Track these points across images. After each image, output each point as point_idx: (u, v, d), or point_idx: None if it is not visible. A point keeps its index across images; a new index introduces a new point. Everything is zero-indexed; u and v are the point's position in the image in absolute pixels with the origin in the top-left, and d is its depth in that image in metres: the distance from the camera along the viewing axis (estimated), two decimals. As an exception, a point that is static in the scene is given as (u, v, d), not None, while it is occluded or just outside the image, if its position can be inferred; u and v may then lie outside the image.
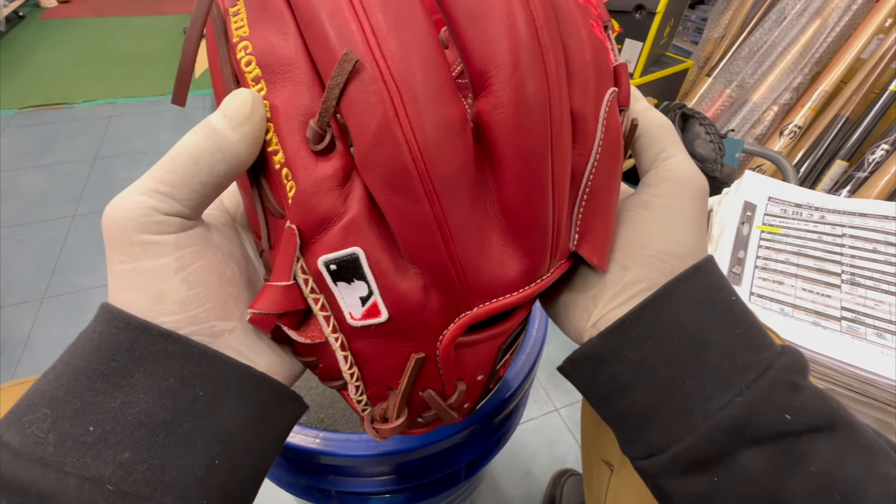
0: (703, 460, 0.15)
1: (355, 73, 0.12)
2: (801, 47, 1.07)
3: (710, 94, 1.20)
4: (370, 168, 0.13)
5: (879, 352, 0.33)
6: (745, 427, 0.15)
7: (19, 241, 1.10)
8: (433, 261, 0.14)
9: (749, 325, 0.17)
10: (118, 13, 2.44)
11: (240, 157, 0.14)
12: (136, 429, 0.13)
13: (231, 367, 0.15)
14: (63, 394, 0.13)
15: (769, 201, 0.46)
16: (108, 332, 0.13)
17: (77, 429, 0.12)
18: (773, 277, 0.39)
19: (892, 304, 0.35)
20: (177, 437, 0.13)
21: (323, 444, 0.29)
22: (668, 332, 0.16)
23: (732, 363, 0.15)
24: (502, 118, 0.12)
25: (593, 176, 0.16)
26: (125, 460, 0.13)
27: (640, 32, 1.02)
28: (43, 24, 2.27)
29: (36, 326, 0.92)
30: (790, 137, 1.07)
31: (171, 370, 0.14)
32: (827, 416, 0.15)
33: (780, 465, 0.15)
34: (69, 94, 1.69)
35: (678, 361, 0.16)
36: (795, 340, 0.34)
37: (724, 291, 0.17)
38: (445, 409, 0.18)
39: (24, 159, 1.36)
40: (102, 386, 0.13)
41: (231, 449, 0.14)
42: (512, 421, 0.38)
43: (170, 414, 0.13)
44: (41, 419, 0.12)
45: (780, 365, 0.15)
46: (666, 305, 0.16)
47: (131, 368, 0.13)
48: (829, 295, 0.37)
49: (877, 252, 0.38)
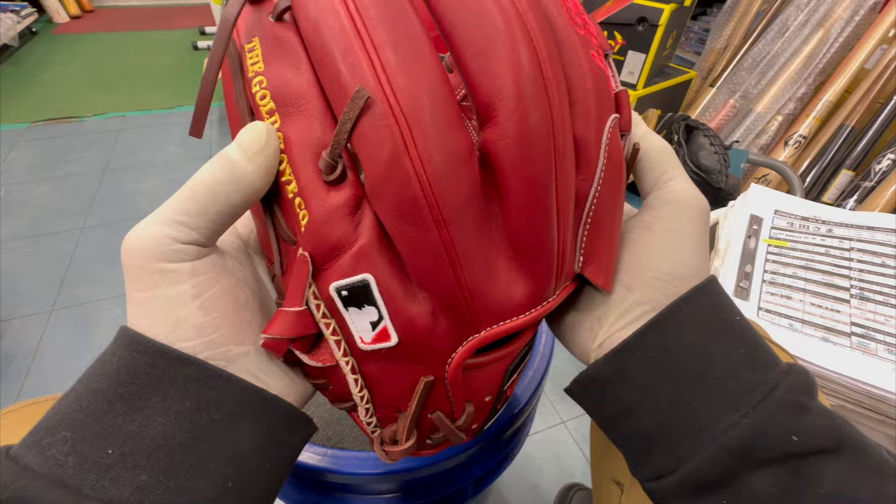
0: (711, 482, 0.15)
1: (366, 108, 0.12)
2: (804, 58, 1.07)
3: (714, 104, 1.21)
4: (381, 198, 0.13)
5: (891, 368, 0.32)
6: (752, 448, 0.15)
7: (29, 253, 1.12)
8: (442, 286, 0.14)
9: (754, 344, 0.17)
10: (129, 28, 2.49)
11: (255, 186, 0.14)
12: (153, 451, 0.13)
13: (246, 391, 0.15)
14: (83, 416, 0.13)
15: (776, 214, 0.46)
16: (128, 356, 0.14)
17: (96, 451, 0.13)
18: (781, 292, 0.39)
19: (903, 320, 0.35)
20: (192, 459, 0.14)
21: (331, 462, 0.29)
22: (673, 353, 0.16)
23: (738, 384, 0.16)
24: (508, 148, 0.13)
25: (597, 200, 0.16)
26: (142, 483, 0.13)
27: (643, 44, 1.03)
28: (55, 39, 2.32)
29: (45, 338, 0.93)
30: (795, 147, 1.07)
31: (188, 393, 0.14)
32: (835, 436, 0.15)
33: (789, 487, 0.15)
34: (80, 107, 1.72)
35: (684, 382, 0.16)
36: (804, 356, 0.34)
37: (727, 311, 0.17)
38: (454, 431, 0.18)
39: (35, 172, 1.38)
40: (121, 409, 0.13)
41: (243, 471, 0.15)
42: (519, 437, 0.38)
43: (186, 436, 0.14)
44: (61, 441, 0.13)
45: (785, 385, 0.15)
46: (670, 327, 0.16)
47: (149, 392, 0.13)
48: (838, 310, 0.37)
49: (886, 266, 0.38)
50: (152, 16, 2.68)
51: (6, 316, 0.96)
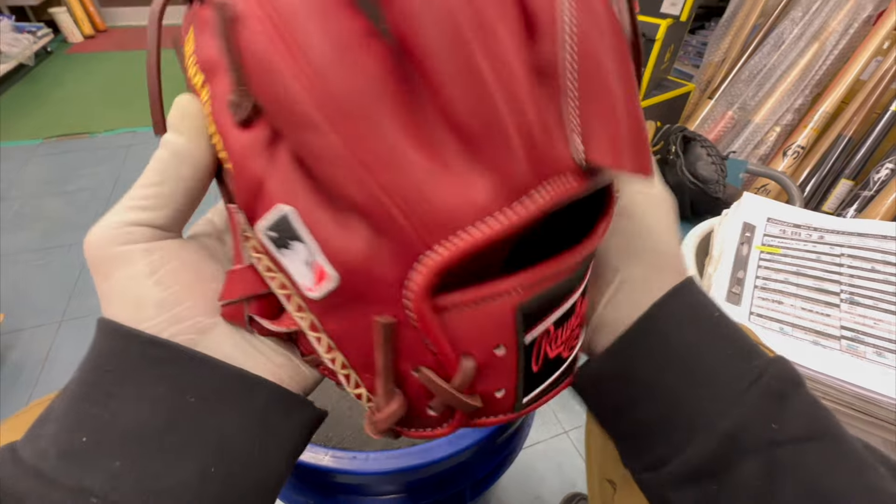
0: (702, 470, 0.16)
1: (241, 24, 0.12)
2: (800, 70, 1.09)
3: (713, 115, 1.22)
4: (270, 113, 0.12)
5: (880, 371, 0.33)
6: (740, 435, 0.15)
7: (41, 265, 1.14)
8: (363, 197, 0.12)
9: (736, 338, 0.17)
10: (140, 47, 2.56)
11: (194, 155, 0.15)
12: (127, 438, 0.13)
13: (220, 370, 0.14)
14: (65, 407, 0.13)
15: (768, 222, 0.47)
16: (102, 343, 0.14)
17: (73, 440, 0.13)
18: (773, 297, 0.40)
19: (892, 323, 0.35)
20: (168, 444, 0.13)
21: (330, 462, 0.30)
22: (670, 349, 0.17)
23: (726, 376, 0.16)
24: (408, 12, 0.11)
25: (578, 74, 0.13)
26: (115, 469, 0.13)
27: (641, 58, 1.05)
28: (69, 58, 2.39)
29: (54, 348, 0.95)
30: (793, 157, 1.08)
31: (162, 377, 0.14)
32: (815, 426, 0.16)
33: (772, 473, 0.15)
34: (92, 124, 1.77)
35: (676, 377, 0.17)
36: (795, 359, 0.35)
37: (708, 309, 0.18)
38: (452, 394, 0.14)
39: (48, 186, 1.42)
40: (96, 396, 0.13)
41: (227, 457, 0.14)
42: (516, 441, 0.39)
43: (161, 421, 0.13)
44: (48, 432, 0.13)
45: (768, 376, 0.16)
46: (660, 325, 0.17)
47: (122, 378, 0.13)
48: (828, 314, 0.37)
49: (875, 271, 0.39)
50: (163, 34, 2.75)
51: (17, 326, 0.98)
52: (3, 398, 0.86)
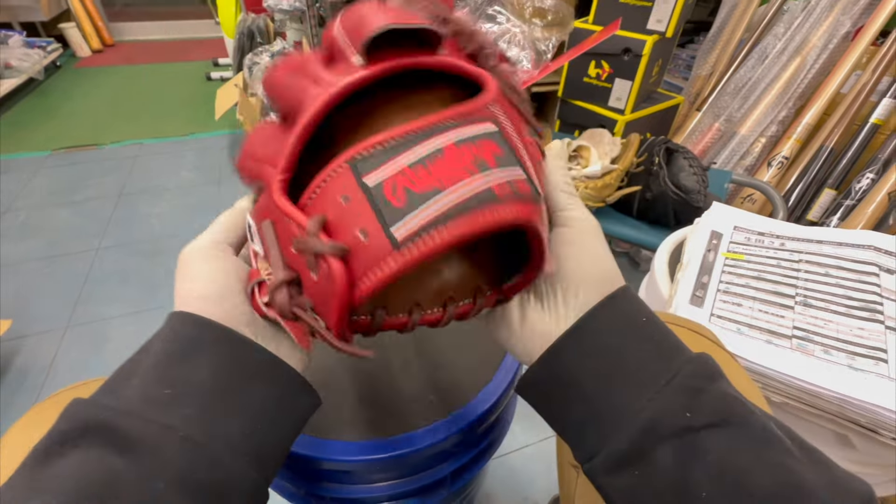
0: (626, 458, 0.18)
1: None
2: (783, 83, 1.13)
3: (700, 127, 1.26)
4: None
5: (826, 367, 0.35)
6: (656, 426, 0.18)
7: (47, 273, 1.17)
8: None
9: (660, 340, 0.20)
10: (146, 61, 2.63)
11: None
12: (196, 393, 0.18)
13: (260, 353, 0.19)
14: (150, 367, 0.18)
15: (735, 230, 0.50)
16: (181, 327, 0.19)
17: (157, 391, 0.17)
18: (733, 300, 0.42)
19: (840, 324, 0.38)
20: (224, 404, 0.18)
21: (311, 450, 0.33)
22: (593, 354, 0.19)
23: (647, 374, 0.19)
24: None
25: None
26: (189, 415, 0.17)
27: (629, 72, 1.09)
28: (78, 72, 2.45)
29: (59, 355, 0.98)
30: (778, 168, 1.11)
31: (221, 353, 0.19)
32: (722, 413, 0.18)
33: (686, 457, 0.17)
34: (99, 135, 1.82)
35: (603, 377, 0.19)
36: (749, 357, 0.37)
37: (637, 314, 0.20)
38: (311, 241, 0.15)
39: (56, 196, 1.46)
40: (176, 363, 0.18)
41: (260, 423, 0.19)
42: (496, 433, 0.41)
43: (220, 387, 0.18)
44: (133, 386, 0.18)
45: (685, 372, 0.18)
46: (587, 331, 0.20)
47: (195, 350, 0.18)
48: (782, 315, 0.40)
49: (829, 276, 0.42)
50: (169, 49, 2.83)
51: (23, 333, 1.01)
52: (8, 403, 0.88)
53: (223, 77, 2.35)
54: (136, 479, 0.15)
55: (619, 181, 0.89)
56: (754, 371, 0.36)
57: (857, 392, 0.33)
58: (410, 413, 0.36)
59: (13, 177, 1.55)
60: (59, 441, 0.16)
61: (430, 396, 0.37)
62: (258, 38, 1.90)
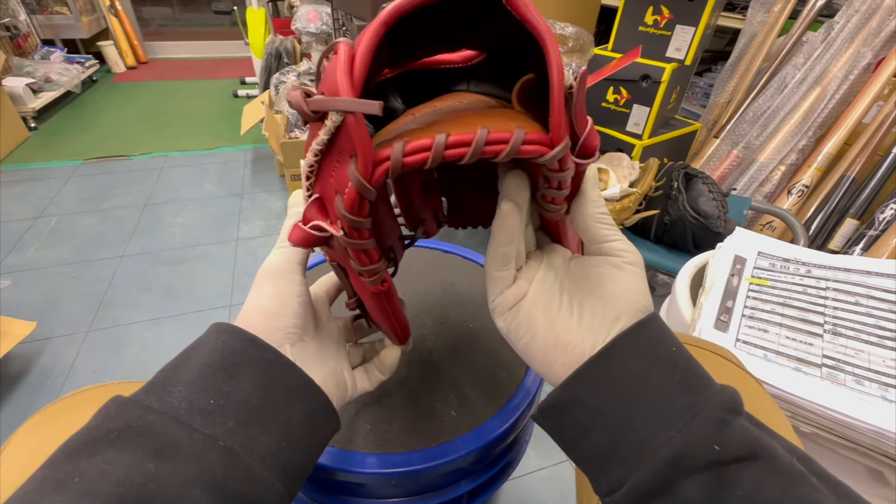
0: (652, 491, 0.17)
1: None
2: (803, 113, 1.13)
3: (718, 154, 1.26)
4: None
5: (857, 397, 0.35)
6: (684, 458, 0.17)
7: (73, 277, 1.21)
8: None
9: (687, 370, 0.19)
10: (177, 77, 2.74)
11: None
12: (239, 406, 0.19)
13: (298, 375, 0.21)
14: (196, 377, 0.19)
15: (759, 255, 0.49)
16: (229, 340, 0.20)
17: (202, 401, 0.18)
18: (759, 326, 0.42)
19: (872, 354, 0.37)
20: (262, 418, 0.19)
21: (333, 461, 0.33)
22: (619, 380, 0.19)
23: (673, 405, 0.18)
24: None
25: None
26: (230, 427, 0.18)
27: (647, 99, 1.10)
28: (112, 86, 2.56)
29: (79, 358, 0.99)
30: (798, 196, 1.11)
31: (265, 371, 0.20)
32: (751, 446, 0.17)
33: (714, 491, 0.17)
34: (129, 147, 1.88)
35: (628, 405, 0.18)
36: (777, 384, 0.37)
37: (665, 343, 0.20)
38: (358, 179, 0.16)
39: (85, 204, 1.51)
40: (222, 375, 0.19)
41: (292, 438, 0.20)
42: (513, 453, 0.41)
43: (259, 402, 0.19)
44: (178, 393, 0.18)
45: (712, 405, 0.18)
46: (615, 357, 0.19)
47: (240, 366, 0.19)
48: (811, 343, 0.39)
49: (858, 304, 0.41)
50: (198, 67, 2.94)
51: (47, 335, 1.03)
52: (29, 403, 0.90)
53: (249, 94, 2.43)
54: (174, 484, 0.16)
55: (637, 205, 0.89)
56: (782, 399, 0.36)
57: (893, 425, 0.32)
58: (430, 429, 0.36)
59: (47, 184, 1.61)
60: (96, 438, 0.17)
61: (452, 412, 0.37)
62: (285, 58, 1.98)
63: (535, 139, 0.16)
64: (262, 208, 1.50)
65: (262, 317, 0.22)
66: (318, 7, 1.80)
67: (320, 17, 1.78)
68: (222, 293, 1.17)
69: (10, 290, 1.13)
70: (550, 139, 0.17)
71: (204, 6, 3.16)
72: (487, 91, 0.22)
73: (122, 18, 2.76)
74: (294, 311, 0.22)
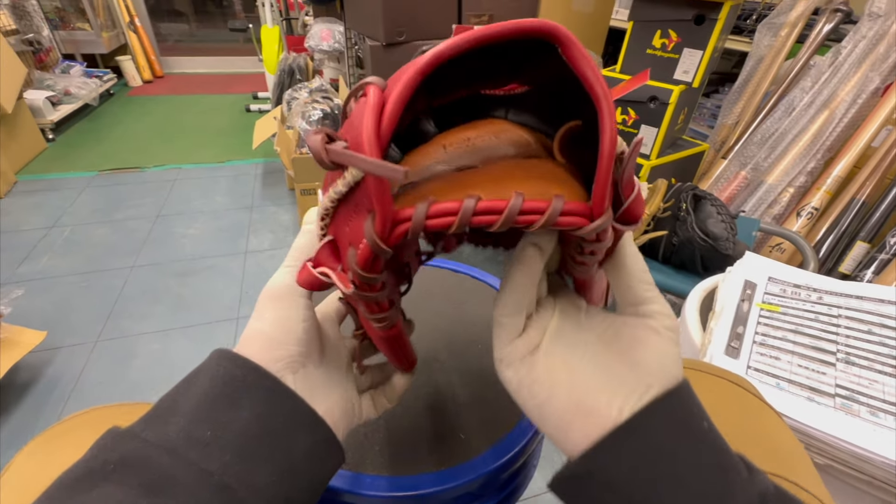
0: None
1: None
2: (811, 136, 1.13)
3: (726, 175, 1.26)
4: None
5: (872, 429, 0.34)
6: None
7: (84, 287, 1.22)
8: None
9: (719, 450, 0.18)
10: (191, 91, 2.80)
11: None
12: (236, 437, 0.18)
13: (300, 406, 0.20)
14: (193, 407, 0.18)
15: (769, 281, 0.49)
16: (231, 367, 0.20)
17: (199, 432, 0.18)
18: (771, 353, 0.42)
19: (886, 385, 0.37)
20: (261, 449, 0.18)
21: (338, 482, 0.33)
22: (643, 454, 0.17)
23: (703, 487, 0.16)
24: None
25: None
26: (227, 460, 0.17)
27: (655, 119, 1.11)
28: (129, 100, 2.63)
29: (87, 368, 1.00)
30: (808, 218, 1.10)
31: (265, 400, 0.19)
32: None
33: None
34: (143, 159, 1.92)
35: (653, 483, 0.17)
36: (789, 414, 0.36)
37: (699, 418, 0.18)
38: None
39: (98, 214, 1.54)
40: (221, 403, 0.18)
41: (293, 470, 0.19)
42: (521, 478, 0.40)
43: (259, 431, 0.18)
44: (175, 424, 0.18)
45: (745, 492, 0.17)
46: (647, 429, 0.17)
47: (240, 395, 0.19)
48: (823, 372, 0.39)
49: (872, 333, 0.41)
50: (212, 81, 3.01)
51: (56, 344, 1.04)
52: (36, 413, 0.90)
53: (261, 109, 2.48)
54: None
55: (645, 225, 0.89)
56: (796, 430, 0.35)
57: (909, 459, 0.32)
58: (439, 451, 0.36)
59: (62, 194, 1.64)
60: (92, 471, 0.16)
61: (461, 434, 0.37)
62: (297, 75, 2.02)
63: (574, 210, 0.15)
64: (272, 221, 1.52)
65: (264, 344, 0.21)
66: (331, 25, 1.84)
67: (333, 35, 1.82)
68: (230, 305, 1.18)
69: (22, 300, 1.15)
70: (591, 210, 0.15)
71: (220, 23, 3.26)
72: (527, 122, 0.21)
73: (140, 34, 2.84)
74: (297, 338, 0.21)
